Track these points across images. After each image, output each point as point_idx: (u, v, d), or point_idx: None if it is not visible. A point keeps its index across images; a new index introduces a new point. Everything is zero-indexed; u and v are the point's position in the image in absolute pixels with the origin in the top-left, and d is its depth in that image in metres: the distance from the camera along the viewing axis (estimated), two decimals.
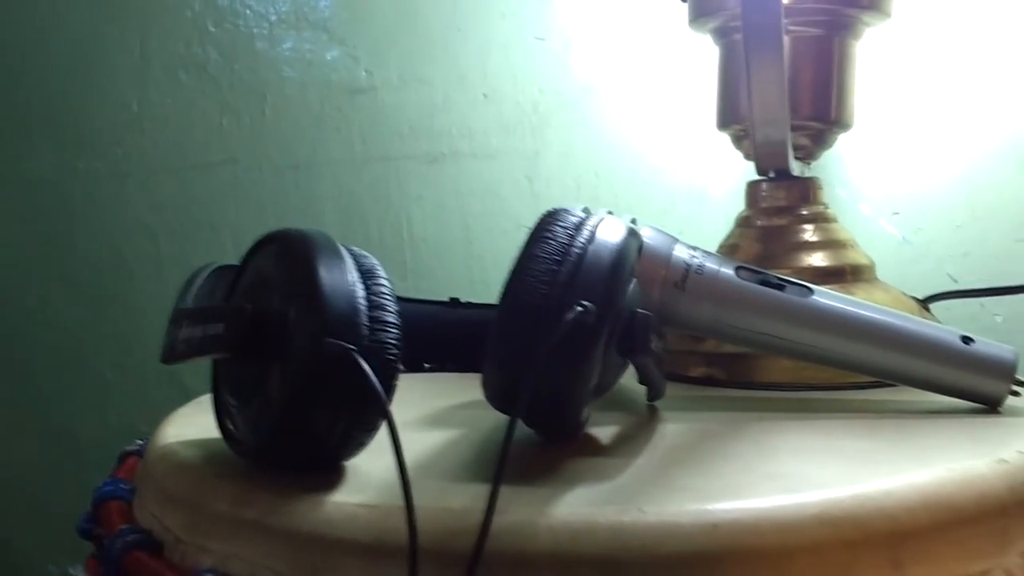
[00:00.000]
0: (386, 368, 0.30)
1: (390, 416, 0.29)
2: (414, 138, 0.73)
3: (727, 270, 0.41)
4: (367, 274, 0.32)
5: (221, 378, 0.35)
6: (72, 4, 0.74)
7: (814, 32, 0.49)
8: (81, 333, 0.76)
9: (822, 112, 0.50)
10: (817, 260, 0.49)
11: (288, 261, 0.32)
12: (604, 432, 0.37)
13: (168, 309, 0.35)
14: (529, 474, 0.32)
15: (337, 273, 0.31)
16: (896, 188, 0.65)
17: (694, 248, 0.42)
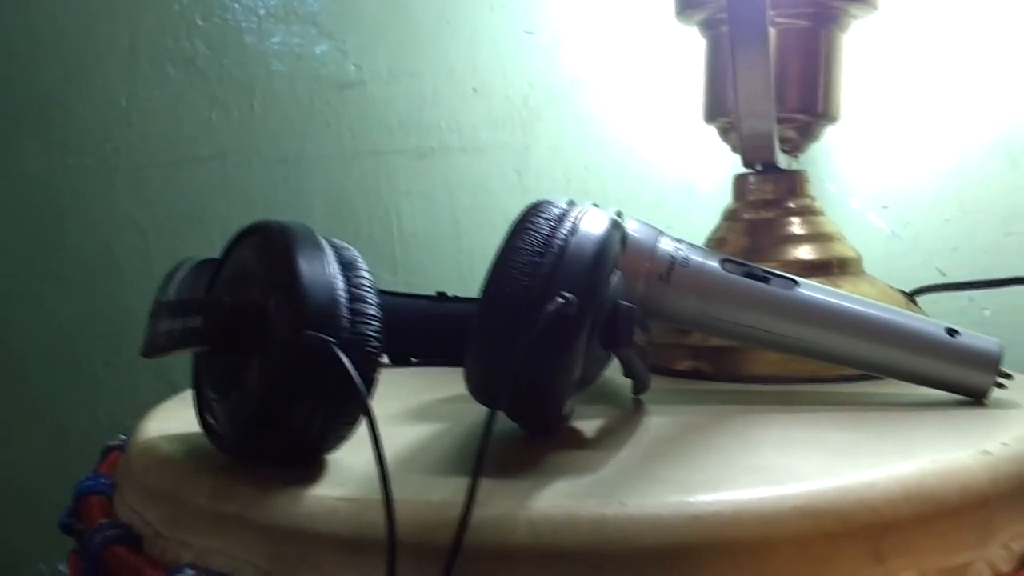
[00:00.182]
0: (366, 361, 0.30)
1: (369, 409, 0.28)
2: (403, 132, 0.73)
3: (712, 263, 0.41)
4: (348, 266, 0.31)
5: (202, 372, 0.34)
6: None
7: (801, 24, 0.49)
8: (71, 329, 0.76)
9: (809, 104, 0.50)
10: (804, 253, 0.49)
11: (268, 253, 0.31)
12: (588, 425, 0.37)
13: None
14: (511, 467, 0.32)
15: (317, 265, 0.30)
16: (885, 182, 0.65)
17: (679, 241, 0.41)
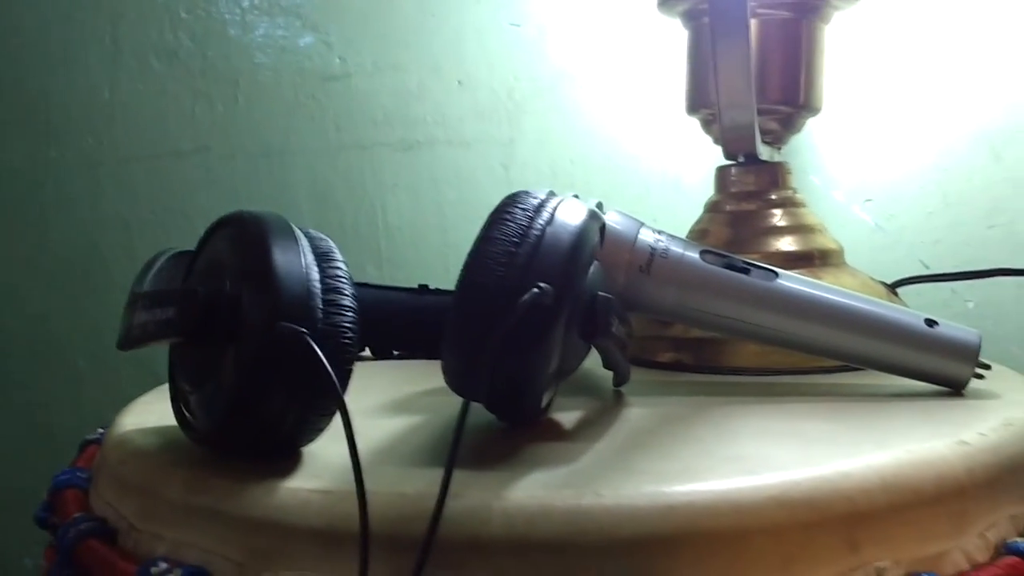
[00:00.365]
0: (341, 352, 0.30)
1: (342, 401, 0.28)
2: (388, 125, 0.72)
3: (692, 254, 0.41)
4: (323, 257, 0.31)
5: (177, 364, 0.34)
6: None
7: (782, 15, 0.49)
8: (54, 323, 0.76)
9: (790, 96, 0.49)
10: (786, 245, 0.49)
11: (242, 243, 0.31)
12: (567, 417, 0.37)
13: None
14: (488, 459, 0.31)
15: (291, 255, 0.30)
16: (869, 175, 0.65)
17: (660, 232, 0.41)
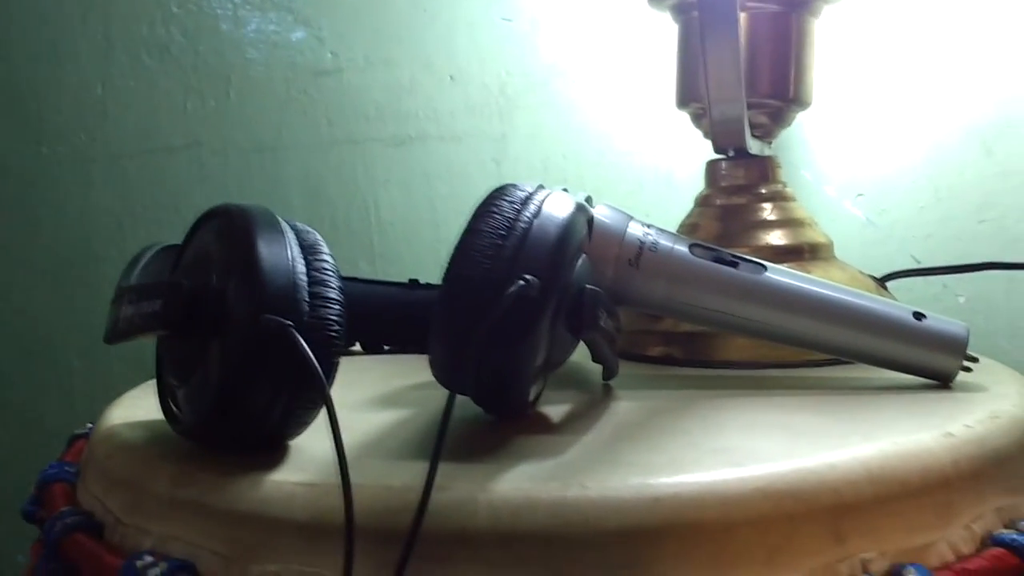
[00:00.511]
0: (327, 345, 0.30)
1: (327, 394, 0.28)
2: (381, 121, 0.72)
3: (681, 247, 0.41)
4: (309, 250, 0.31)
5: (164, 358, 0.34)
6: None
7: (772, 9, 0.49)
8: (46, 319, 0.75)
9: (780, 90, 0.49)
10: (775, 238, 0.49)
11: (227, 236, 0.31)
12: (555, 410, 0.37)
13: None
14: (474, 451, 0.31)
15: (277, 248, 0.30)
16: (860, 170, 0.65)
17: (648, 226, 0.41)
